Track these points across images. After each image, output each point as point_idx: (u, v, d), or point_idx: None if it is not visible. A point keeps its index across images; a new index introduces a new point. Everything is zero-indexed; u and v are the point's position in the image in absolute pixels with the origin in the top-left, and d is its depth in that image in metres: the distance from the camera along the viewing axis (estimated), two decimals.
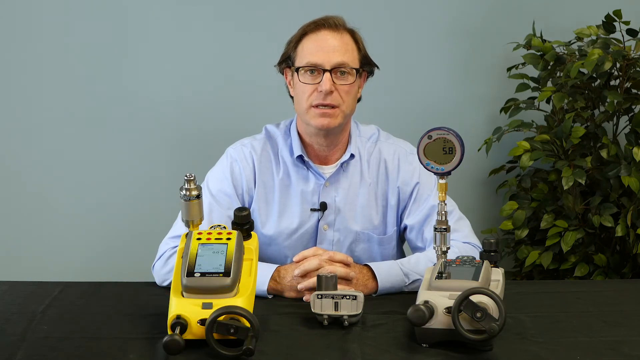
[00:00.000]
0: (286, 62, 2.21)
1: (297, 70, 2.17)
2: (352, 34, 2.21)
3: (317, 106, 2.15)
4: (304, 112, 2.18)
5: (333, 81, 2.13)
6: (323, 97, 2.14)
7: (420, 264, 2.10)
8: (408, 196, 2.26)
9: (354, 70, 2.17)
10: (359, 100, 2.25)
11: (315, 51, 2.15)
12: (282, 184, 2.24)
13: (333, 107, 2.15)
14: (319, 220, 2.24)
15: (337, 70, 2.14)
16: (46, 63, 3.19)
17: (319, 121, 2.16)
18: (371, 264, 2.09)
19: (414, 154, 2.26)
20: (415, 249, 2.28)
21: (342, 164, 2.25)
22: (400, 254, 2.32)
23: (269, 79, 2.44)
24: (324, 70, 2.13)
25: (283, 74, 2.26)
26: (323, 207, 2.23)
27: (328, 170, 2.25)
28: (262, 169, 2.25)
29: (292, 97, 2.25)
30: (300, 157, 2.23)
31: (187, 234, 1.79)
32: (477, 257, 1.88)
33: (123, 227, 3.28)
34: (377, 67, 2.26)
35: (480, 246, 2.20)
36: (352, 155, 2.25)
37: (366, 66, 2.23)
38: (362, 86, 2.25)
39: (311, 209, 2.24)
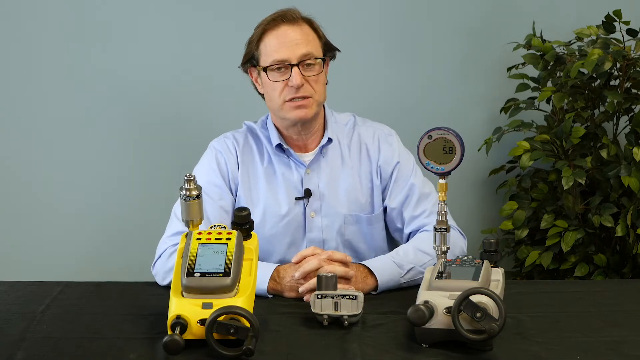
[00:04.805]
0: (250, 61, 2.24)
1: (264, 69, 2.19)
2: (310, 23, 2.24)
3: (290, 100, 2.18)
4: (279, 108, 2.21)
5: (302, 74, 2.16)
6: (295, 91, 2.17)
7: (409, 254, 2.13)
8: (389, 176, 2.30)
9: (320, 60, 2.20)
10: (326, 83, 2.28)
11: (278, 47, 2.18)
12: (267, 172, 2.27)
13: (306, 97, 2.18)
14: (305, 208, 2.25)
15: (303, 62, 2.17)
16: (46, 64, 3.19)
17: (295, 114, 2.19)
18: (365, 262, 2.11)
19: (393, 135, 2.33)
20: (394, 231, 2.32)
21: (321, 149, 2.27)
22: (388, 235, 2.35)
23: None
24: (292, 65, 2.16)
25: (248, 74, 2.29)
26: (307, 194, 2.25)
27: (308, 157, 2.28)
28: (245, 159, 2.28)
29: (261, 95, 2.28)
30: (279, 146, 2.26)
31: (187, 233, 1.79)
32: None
33: (123, 227, 3.28)
34: (339, 50, 2.29)
35: (457, 227, 2.23)
36: (329, 140, 2.28)
37: (329, 52, 2.26)
38: (327, 71, 2.28)
39: (296, 198, 2.25)
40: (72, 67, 3.19)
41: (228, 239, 1.75)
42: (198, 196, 1.78)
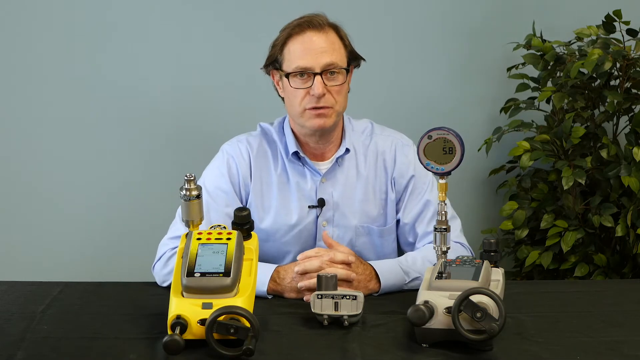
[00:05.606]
0: (273, 64, 2.20)
1: (287, 75, 2.15)
2: (337, 30, 2.19)
3: (311, 108, 2.14)
4: (298, 115, 2.17)
5: (324, 83, 2.13)
6: (316, 100, 2.13)
7: (417, 262, 2.11)
8: (403, 189, 2.27)
9: (344, 70, 2.16)
10: (348, 91, 2.25)
11: (303, 54, 2.13)
12: (280, 180, 2.24)
13: (327, 107, 2.15)
14: (317, 217, 2.24)
15: (326, 71, 2.13)
16: (46, 64, 3.19)
17: (315, 122, 2.15)
18: (373, 263, 2.09)
19: (410, 146, 2.29)
20: (405, 245, 2.29)
21: (337, 159, 2.25)
22: (398, 247, 2.33)
23: (267, 78, 2.43)
24: (315, 74, 2.12)
25: (270, 75, 2.25)
26: (321, 203, 2.23)
27: (324, 166, 2.25)
28: (259, 164, 2.24)
29: (281, 97, 2.25)
30: (295, 154, 2.23)
31: (187, 234, 1.79)
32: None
33: (123, 227, 3.28)
34: (364, 60, 2.25)
35: (469, 246, 2.22)
36: (347, 150, 2.25)
37: (353, 61, 2.22)
38: (350, 80, 2.24)
39: (309, 206, 2.23)
40: (75, 67, 3.19)
41: (228, 239, 1.75)
42: (198, 196, 1.78)
